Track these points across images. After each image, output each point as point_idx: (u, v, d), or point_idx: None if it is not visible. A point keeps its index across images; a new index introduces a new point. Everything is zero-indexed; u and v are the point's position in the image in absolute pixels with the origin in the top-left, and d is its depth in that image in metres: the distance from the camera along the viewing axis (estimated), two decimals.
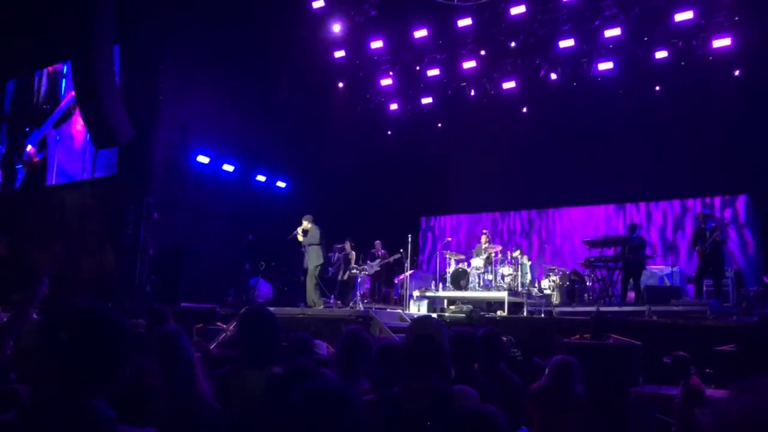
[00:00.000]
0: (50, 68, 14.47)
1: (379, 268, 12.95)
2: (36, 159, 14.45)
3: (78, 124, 13.46)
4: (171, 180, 13.13)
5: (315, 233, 11.18)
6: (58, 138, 14.22)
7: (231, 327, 8.88)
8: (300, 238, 11.27)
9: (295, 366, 2.45)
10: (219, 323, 9.41)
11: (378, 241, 13.46)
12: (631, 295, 10.98)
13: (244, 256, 13.92)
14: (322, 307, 10.96)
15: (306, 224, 11.23)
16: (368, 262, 12.88)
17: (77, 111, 13.50)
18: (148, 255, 11.99)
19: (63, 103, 14.23)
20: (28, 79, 14.77)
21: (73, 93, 13.94)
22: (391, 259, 12.84)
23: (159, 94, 12.59)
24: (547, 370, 4.13)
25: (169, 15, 12.62)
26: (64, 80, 14.11)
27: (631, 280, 11.00)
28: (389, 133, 17.72)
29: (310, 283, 11.22)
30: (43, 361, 1.63)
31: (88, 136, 11.62)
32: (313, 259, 11.18)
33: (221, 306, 11.43)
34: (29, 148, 14.54)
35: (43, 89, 14.63)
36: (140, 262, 11.88)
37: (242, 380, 2.80)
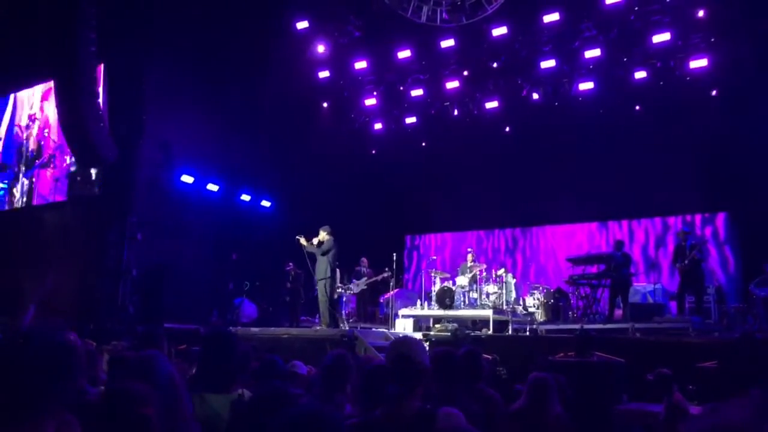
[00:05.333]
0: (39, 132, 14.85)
1: (365, 287, 12.90)
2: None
3: (51, 171, 14.25)
4: (154, 200, 13.05)
5: (326, 245, 10.65)
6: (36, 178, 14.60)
7: None
8: (304, 242, 10.73)
9: (268, 389, 2.43)
10: None
11: (364, 258, 13.41)
12: (618, 312, 11.01)
13: (228, 276, 13.83)
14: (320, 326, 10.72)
15: (322, 235, 10.69)
16: (354, 280, 12.84)
17: (53, 162, 14.23)
18: (131, 275, 11.86)
19: (44, 157, 14.62)
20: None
21: (50, 152, 14.26)
22: (379, 277, 12.79)
23: (143, 113, 12.55)
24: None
25: (153, 34, 12.64)
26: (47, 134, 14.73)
27: (618, 298, 11.03)
28: (373, 152, 17.79)
29: (320, 296, 10.71)
30: None
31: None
32: (319, 271, 10.65)
33: (205, 326, 11.30)
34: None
35: (31, 147, 15.03)
36: (123, 283, 11.74)
37: (198, 404, 2.76)
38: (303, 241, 10.76)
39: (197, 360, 3.18)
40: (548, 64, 14.13)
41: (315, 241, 10.77)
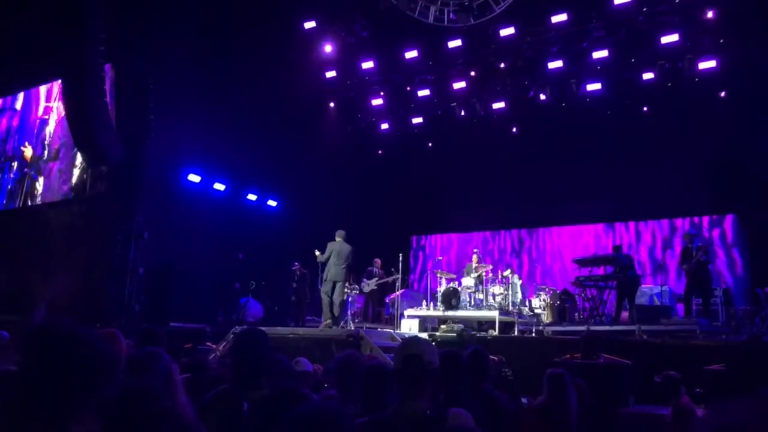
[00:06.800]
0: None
1: (375, 287, 12.92)
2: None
3: (57, 166, 14.29)
4: (161, 199, 13.08)
5: (326, 251, 11.14)
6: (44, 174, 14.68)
7: (221, 347, 8.83)
8: (317, 253, 11.27)
9: (283, 389, 2.44)
10: (209, 343, 9.34)
11: (377, 259, 13.43)
12: (625, 314, 10.96)
13: (234, 276, 13.86)
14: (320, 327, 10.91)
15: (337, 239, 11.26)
16: (364, 280, 12.86)
17: (59, 157, 14.30)
18: (137, 274, 11.89)
19: (51, 152, 14.72)
20: None
21: (56, 146, 14.34)
22: (390, 279, 12.82)
23: (150, 113, 12.57)
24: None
25: (160, 34, 12.67)
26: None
27: (625, 300, 10.98)
28: (380, 152, 17.80)
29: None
30: (13, 385, 1.50)
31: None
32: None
33: (211, 326, 11.33)
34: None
35: (41, 143, 15.13)
36: (129, 282, 11.77)
37: (230, 403, 2.77)
38: (317, 253, 11.28)
39: (230, 359, 3.17)
40: (556, 64, 14.09)
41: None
